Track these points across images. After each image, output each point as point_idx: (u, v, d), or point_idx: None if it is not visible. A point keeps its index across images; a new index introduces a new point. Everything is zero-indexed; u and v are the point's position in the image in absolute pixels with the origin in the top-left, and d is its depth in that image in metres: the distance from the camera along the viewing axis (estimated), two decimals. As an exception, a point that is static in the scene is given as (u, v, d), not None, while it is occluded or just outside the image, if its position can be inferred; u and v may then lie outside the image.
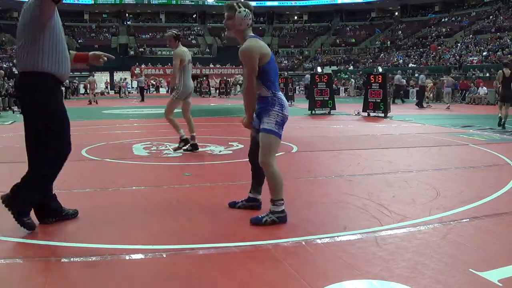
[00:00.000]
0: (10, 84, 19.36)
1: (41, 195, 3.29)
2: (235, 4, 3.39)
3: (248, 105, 3.48)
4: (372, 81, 14.13)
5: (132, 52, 48.58)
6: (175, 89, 6.61)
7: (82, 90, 32.41)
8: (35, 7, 3.07)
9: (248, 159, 3.79)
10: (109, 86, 41.63)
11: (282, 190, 3.41)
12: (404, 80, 26.63)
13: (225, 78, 35.92)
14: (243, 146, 7.37)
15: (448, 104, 18.26)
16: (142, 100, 25.12)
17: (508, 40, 32.80)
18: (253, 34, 3.45)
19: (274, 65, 3.46)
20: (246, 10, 3.38)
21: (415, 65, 36.37)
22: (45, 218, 3.37)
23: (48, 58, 3.16)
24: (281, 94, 3.47)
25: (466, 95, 23.13)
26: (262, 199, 3.76)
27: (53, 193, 3.45)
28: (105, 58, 3.66)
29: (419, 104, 19.08)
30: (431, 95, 22.40)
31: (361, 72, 37.19)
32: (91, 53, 3.75)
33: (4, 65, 35.53)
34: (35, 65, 3.15)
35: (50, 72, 3.19)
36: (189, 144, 6.76)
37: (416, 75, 28.64)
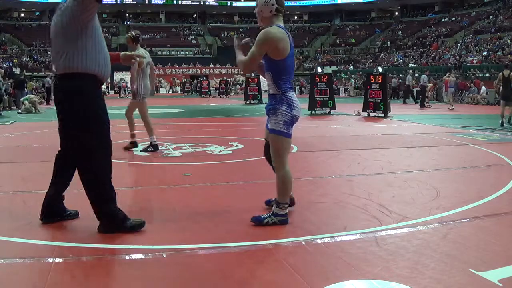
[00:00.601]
0: (9, 83, 19.35)
1: (113, 192, 3.26)
2: None
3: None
4: (372, 81, 14.15)
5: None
6: (135, 93, 6.80)
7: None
8: (73, 7, 2.95)
9: (264, 157, 3.77)
10: (109, 86, 41.59)
11: (288, 195, 3.40)
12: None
13: (225, 78, 35.97)
14: (243, 146, 7.38)
15: (453, 106, 18.11)
16: (142, 100, 25.05)
17: (508, 40, 32.78)
18: (281, 24, 3.36)
19: (291, 62, 3.35)
20: None
21: (415, 65, 36.34)
22: (49, 218, 3.38)
23: (90, 58, 3.05)
24: (291, 94, 3.38)
25: (466, 95, 23.11)
26: (271, 197, 3.71)
27: (63, 194, 3.46)
28: (137, 59, 3.63)
29: (421, 104, 19.12)
30: (430, 95, 22.39)
31: (361, 72, 37.15)
32: (122, 53, 3.70)
33: (4, 65, 35.50)
34: (76, 67, 3.03)
35: (92, 73, 3.08)
36: (134, 145, 7.07)
37: (416, 75, 28.65)
